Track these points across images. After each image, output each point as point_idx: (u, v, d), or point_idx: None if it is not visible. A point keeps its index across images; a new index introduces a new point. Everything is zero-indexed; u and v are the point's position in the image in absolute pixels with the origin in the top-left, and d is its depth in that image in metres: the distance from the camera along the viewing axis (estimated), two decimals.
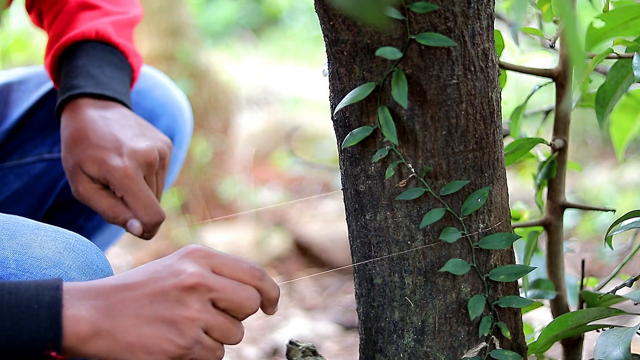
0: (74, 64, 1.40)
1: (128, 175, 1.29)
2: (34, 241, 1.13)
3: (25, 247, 1.12)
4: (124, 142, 1.31)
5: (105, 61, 1.41)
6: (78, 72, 1.38)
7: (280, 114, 5.14)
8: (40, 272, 1.10)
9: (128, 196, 1.29)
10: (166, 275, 1.03)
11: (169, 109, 1.58)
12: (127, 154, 1.29)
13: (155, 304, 1.01)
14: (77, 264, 1.13)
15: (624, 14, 1.19)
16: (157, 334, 1.01)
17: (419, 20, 1.02)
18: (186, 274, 1.02)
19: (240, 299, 1.05)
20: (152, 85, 1.59)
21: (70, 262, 1.12)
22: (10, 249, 1.11)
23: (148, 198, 1.30)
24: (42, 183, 1.55)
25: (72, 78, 1.38)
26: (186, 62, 3.83)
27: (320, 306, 2.84)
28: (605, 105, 1.21)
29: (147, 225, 1.31)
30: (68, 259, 1.12)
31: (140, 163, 1.30)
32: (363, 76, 1.06)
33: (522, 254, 1.33)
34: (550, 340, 1.15)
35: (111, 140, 1.31)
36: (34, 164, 1.55)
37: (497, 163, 1.10)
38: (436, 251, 1.08)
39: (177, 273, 1.02)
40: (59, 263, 1.11)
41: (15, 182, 1.54)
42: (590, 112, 1.42)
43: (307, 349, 1.28)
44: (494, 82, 1.08)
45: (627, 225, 1.14)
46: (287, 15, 7.27)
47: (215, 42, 6.58)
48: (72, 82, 1.37)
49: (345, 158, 1.11)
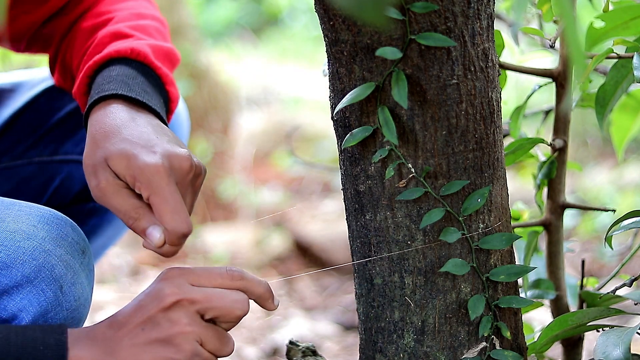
0: (105, 75, 1.25)
1: (159, 172, 1.12)
2: (8, 215, 1.14)
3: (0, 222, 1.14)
4: (159, 143, 1.15)
5: (140, 77, 1.26)
6: (111, 80, 1.23)
7: (280, 114, 5.14)
8: (14, 244, 1.12)
9: (155, 197, 1.12)
10: (149, 301, 1.08)
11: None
12: (161, 153, 1.13)
13: (147, 330, 1.08)
14: (52, 235, 1.15)
15: (624, 14, 1.19)
16: (156, 356, 1.07)
17: (419, 20, 1.02)
18: (165, 294, 1.07)
19: (226, 304, 1.09)
20: None
21: (44, 234, 1.14)
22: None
23: (177, 202, 1.12)
24: (32, 186, 1.55)
25: (103, 84, 1.23)
26: (186, 62, 3.83)
27: (320, 306, 2.84)
28: (605, 105, 1.21)
29: (170, 235, 1.12)
30: (42, 231, 1.14)
31: (174, 166, 1.13)
32: (363, 76, 1.06)
33: (522, 254, 1.33)
34: (550, 340, 1.15)
35: (146, 138, 1.15)
36: (24, 166, 1.53)
37: (497, 163, 1.10)
38: (436, 251, 1.08)
39: (157, 297, 1.08)
40: (33, 235, 1.13)
41: (4, 184, 1.53)
42: (590, 112, 1.42)
43: (307, 349, 1.28)
44: (494, 82, 1.08)
45: (627, 225, 1.14)
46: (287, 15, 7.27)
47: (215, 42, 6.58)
48: (104, 87, 1.22)
49: (345, 158, 1.11)
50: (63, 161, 1.56)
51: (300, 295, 2.97)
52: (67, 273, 1.15)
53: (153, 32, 1.36)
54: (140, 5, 1.43)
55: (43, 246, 1.13)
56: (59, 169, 1.56)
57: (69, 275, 1.15)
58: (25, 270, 1.12)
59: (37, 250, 1.13)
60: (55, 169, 1.55)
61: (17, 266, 1.12)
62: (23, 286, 1.12)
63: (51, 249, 1.14)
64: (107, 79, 1.23)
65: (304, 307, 2.85)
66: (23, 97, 1.56)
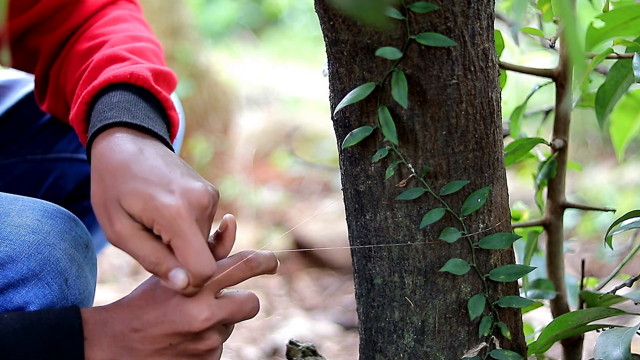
0: (106, 101, 1.19)
1: (180, 214, 1.05)
2: (12, 210, 1.15)
3: (4, 216, 1.14)
4: (174, 179, 1.08)
5: (142, 103, 1.20)
6: (112, 106, 1.17)
7: (280, 114, 5.14)
8: (20, 238, 1.13)
9: (178, 240, 1.06)
10: (178, 319, 1.09)
11: None
12: (178, 192, 1.07)
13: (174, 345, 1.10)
14: (56, 229, 1.15)
15: (624, 14, 1.19)
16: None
17: (419, 20, 1.02)
18: (196, 319, 1.09)
19: (246, 314, 1.13)
20: None
21: (48, 228, 1.15)
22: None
23: (200, 244, 1.06)
24: (26, 185, 1.54)
25: (105, 112, 1.17)
26: (186, 62, 3.83)
27: (320, 306, 2.84)
28: (605, 105, 1.21)
29: (195, 278, 1.07)
30: (47, 225, 1.15)
31: (193, 204, 1.07)
32: (363, 76, 1.06)
33: (522, 254, 1.33)
34: (550, 340, 1.15)
35: (159, 174, 1.09)
36: (17, 165, 1.53)
37: (497, 163, 1.10)
38: (436, 251, 1.08)
39: (188, 319, 1.09)
40: (37, 229, 1.14)
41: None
42: (590, 112, 1.42)
43: (307, 349, 1.28)
44: (494, 82, 1.08)
45: (627, 225, 1.14)
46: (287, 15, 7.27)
47: (215, 42, 6.58)
48: (105, 114, 1.16)
49: (345, 158, 1.11)
50: (56, 159, 1.56)
51: (300, 295, 2.97)
52: (72, 266, 1.16)
53: (150, 55, 1.31)
54: (135, 27, 1.39)
55: (48, 240, 1.14)
56: (52, 167, 1.55)
57: (74, 269, 1.16)
58: (30, 264, 1.13)
59: (42, 244, 1.14)
60: (48, 167, 1.55)
61: (23, 260, 1.12)
62: (29, 279, 1.13)
63: (56, 242, 1.15)
64: (107, 105, 1.18)
65: (304, 307, 2.85)
66: (16, 95, 1.56)
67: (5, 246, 1.12)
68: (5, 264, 1.12)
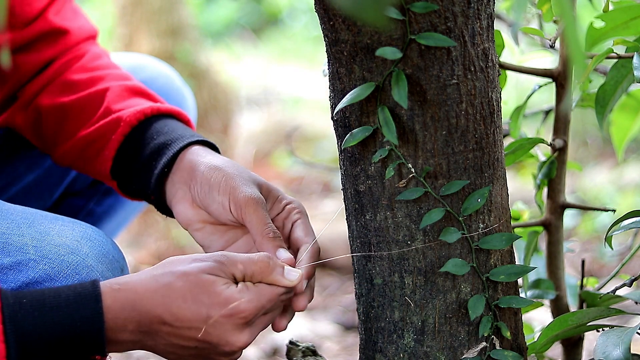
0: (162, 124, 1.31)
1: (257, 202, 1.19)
2: (52, 229, 1.17)
3: (44, 234, 1.16)
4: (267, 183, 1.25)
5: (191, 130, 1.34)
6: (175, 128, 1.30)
7: (280, 114, 5.13)
8: (59, 258, 1.14)
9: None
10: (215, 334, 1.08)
11: (172, 97, 1.58)
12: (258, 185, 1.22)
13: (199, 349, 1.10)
14: (94, 252, 1.17)
15: (624, 14, 1.19)
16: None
17: (419, 20, 1.02)
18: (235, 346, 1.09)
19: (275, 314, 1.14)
20: (155, 75, 1.60)
21: (87, 250, 1.16)
22: (29, 236, 1.15)
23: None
24: (53, 175, 1.57)
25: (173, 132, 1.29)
26: (186, 62, 3.83)
27: (320, 306, 2.84)
28: (605, 105, 1.21)
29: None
30: (85, 247, 1.17)
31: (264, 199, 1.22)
32: (363, 76, 1.06)
33: (522, 254, 1.33)
34: (550, 340, 1.15)
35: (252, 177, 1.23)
36: (44, 156, 1.54)
37: (497, 163, 1.09)
38: (436, 251, 1.08)
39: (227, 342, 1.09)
40: (76, 250, 1.16)
41: (26, 175, 1.54)
42: (590, 112, 1.42)
43: (307, 349, 1.28)
44: (494, 82, 1.08)
45: (627, 225, 1.14)
46: (287, 15, 7.27)
47: (215, 42, 6.58)
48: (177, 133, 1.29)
49: (345, 158, 1.11)
50: None
51: None
52: None
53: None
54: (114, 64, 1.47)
55: (86, 262, 1.15)
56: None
57: None
58: (68, 284, 1.12)
59: (80, 265, 1.15)
60: None
61: (61, 279, 1.14)
62: None
63: (94, 265, 1.16)
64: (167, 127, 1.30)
65: None
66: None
67: (44, 264, 1.14)
68: (44, 282, 1.13)
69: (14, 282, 1.13)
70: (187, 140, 1.27)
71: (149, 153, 1.28)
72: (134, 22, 3.88)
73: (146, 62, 1.62)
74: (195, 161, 1.24)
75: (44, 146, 1.44)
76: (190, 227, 1.25)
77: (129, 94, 1.36)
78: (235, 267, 1.10)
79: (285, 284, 1.11)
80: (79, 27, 1.45)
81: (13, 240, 1.15)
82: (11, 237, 1.15)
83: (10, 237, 1.15)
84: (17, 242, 1.15)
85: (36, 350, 1.05)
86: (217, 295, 1.08)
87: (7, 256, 1.13)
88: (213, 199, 1.21)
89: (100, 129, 1.33)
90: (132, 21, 3.88)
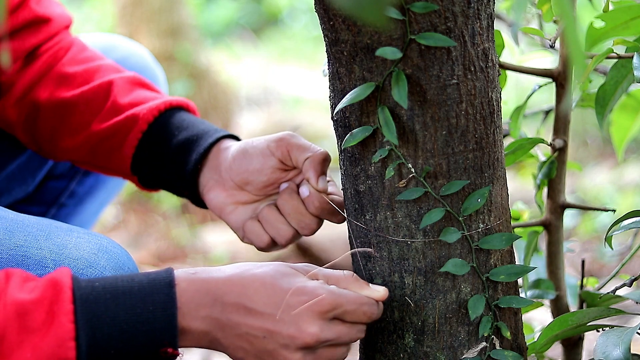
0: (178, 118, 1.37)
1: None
2: (69, 242, 1.17)
3: (62, 247, 1.16)
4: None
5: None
6: (193, 123, 1.36)
7: (280, 114, 5.13)
8: (78, 272, 1.15)
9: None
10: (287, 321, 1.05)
11: (145, 75, 1.60)
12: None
13: (267, 340, 1.05)
14: (111, 265, 1.17)
15: (624, 14, 1.19)
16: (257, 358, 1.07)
17: (419, 20, 1.02)
18: (305, 333, 1.04)
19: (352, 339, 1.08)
20: (128, 55, 1.61)
21: (104, 263, 1.17)
22: (47, 249, 1.15)
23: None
24: (34, 159, 1.58)
25: (194, 127, 1.35)
26: (186, 62, 3.83)
27: None
28: (605, 105, 1.20)
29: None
30: (102, 260, 1.17)
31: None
32: (363, 76, 1.06)
33: (522, 254, 1.33)
34: (550, 340, 1.15)
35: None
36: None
37: (497, 163, 1.10)
38: (436, 251, 1.08)
39: (298, 329, 1.04)
40: (94, 264, 1.16)
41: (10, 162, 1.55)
42: (590, 112, 1.42)
43: None
44: (494, 82, 1.08)
45: (627, 225, 1.14)
46: (287, 15, 7.27)
47: (215, 42, 6.58)
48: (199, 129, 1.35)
49: (345, 158, 1.11)
50: None
51: None
52: None
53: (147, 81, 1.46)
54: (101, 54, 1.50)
55: (103, 275, 1.16)
56: None
57: None
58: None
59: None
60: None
61: None
62: None
63: None
64: (192, 121, 1.35)
65: None
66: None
67: None
68: None
69: None
70: (214, 136, 1.32)
71: (175, 149, 1.33)
72: (134, 22, 3.88)
73: (117, 42, 1.64)
74: (224, 150, 1.31)
75: (35, 141, 1.46)
76: (224, 211, 1.30)
77: (132, 86, 1.40)
78: (319, 272, 1.09)
79: (372, 293, 1.07)
80: (59, 14, 1.47)
81: (32, 253, 1.15)
82: (30, 250, 1.15)
83: (29, 250, 1.15)
84: (36, 255, 1.15)
85: (106, 335, 1.02)
86: (297, 284, 1.06)
87: (27, 270, 1.13)
88: (250, 158, 1.27)
89: (116, 125, 1.36)
90: (132, 21, 3.88)
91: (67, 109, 1.40)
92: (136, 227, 3.47)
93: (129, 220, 3.57)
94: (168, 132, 1.34)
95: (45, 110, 1.42)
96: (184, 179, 1.32)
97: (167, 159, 1.33)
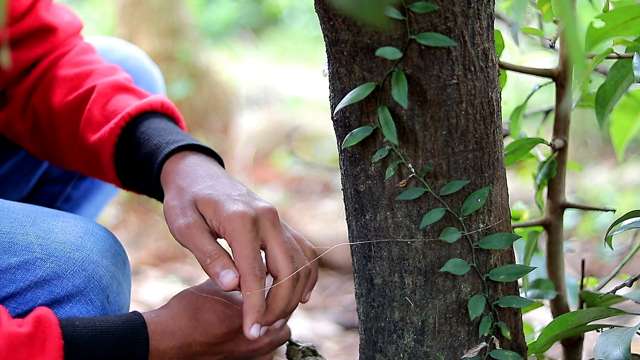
0: (155, 127, 1.30)
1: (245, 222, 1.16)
2: (55, 227, 1.19)
3: (48, 232, 1.18)
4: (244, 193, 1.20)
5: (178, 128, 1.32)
6: (169, 131, 1.29)
7: (280, 114, 5.14)
8: (65, 255, 1.16)
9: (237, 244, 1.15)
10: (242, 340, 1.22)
11: (142, 78, 1.59)
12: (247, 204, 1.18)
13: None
14: (98, 247, 1.19)
15: (624, 14, 1.19)
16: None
17: (419, 20, 1.02)
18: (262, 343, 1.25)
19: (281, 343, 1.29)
20: (125, 57, 1.60)
21: (91, 246, 1.19)
22: (33, 234, 1.17)
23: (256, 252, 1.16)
24: (28, 162, 1.57)
25: (165, 136, 1.28)
26: (186, 62, 3.83)
27: (320, 306, 2.84)
28: (605, 105, 1.20)
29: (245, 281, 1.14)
30: (89, 243, 1.19)
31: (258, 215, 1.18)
32: (363, 76, 1.06)
33: (522, 254, 1.33)
34: (550, 340, 1.15)
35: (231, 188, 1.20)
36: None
37: (497, 163, 1.10)
38: (436, 251, 1.08)
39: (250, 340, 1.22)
40: (81, 247, 1.18)
41: (3, 164, 1.55)
42: (590, 112, 1.42)
43: (307, 349, 1.28)
44: (494, 82, 1.08)
45: (627, 225, 1.14)
46: (287, 15, 7.27)
47: (215, 42, 6.58)
48: (168, 138, 1.27)
49: (345, 158, 1.11)
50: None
51: None
52: (113, 283, 1.19)
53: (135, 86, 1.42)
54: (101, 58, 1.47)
55: (91, 257, 1.18)
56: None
57: (115, 286, 1.20)
58: (75, 281, 1.16)
59: (86, 261, 1.17)
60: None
61: (68, 276, 1.16)
62: (74, 296, 1.16)
63: (98, 260, 1.18)
64: (160, 130, 1.29)
65: (304, 307, 2.85)
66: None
67: (51, 262, 1.16)
68: (52, 280, 1.15)
69: (22, 282, 1.14)
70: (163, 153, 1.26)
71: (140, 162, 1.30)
72: (134, 22, 3.88)
73: (115, 45, 1.62)
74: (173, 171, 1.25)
75: (44, 152, 1.44)
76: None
77: (112, 91, 1.36)
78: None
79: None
80: (68, 23, 1.46)
81: (18, 239, 1.16)
82: (16, 236, 1.16)
83: (15, 236, 1.16)
84: (22, 241, 1.16)
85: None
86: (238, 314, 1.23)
87: (14, 256, 1.15)
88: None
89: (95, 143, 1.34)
90: (132, 21, 3.88)
91: (56, 119, 1.38)
92: (136, 227, 3.47)
93: (129, 220, 3.57)
94: (133, 148, 1.30)
95: (41, 118, 1.40)
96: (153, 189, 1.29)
97: (137, 170, 1.31)
